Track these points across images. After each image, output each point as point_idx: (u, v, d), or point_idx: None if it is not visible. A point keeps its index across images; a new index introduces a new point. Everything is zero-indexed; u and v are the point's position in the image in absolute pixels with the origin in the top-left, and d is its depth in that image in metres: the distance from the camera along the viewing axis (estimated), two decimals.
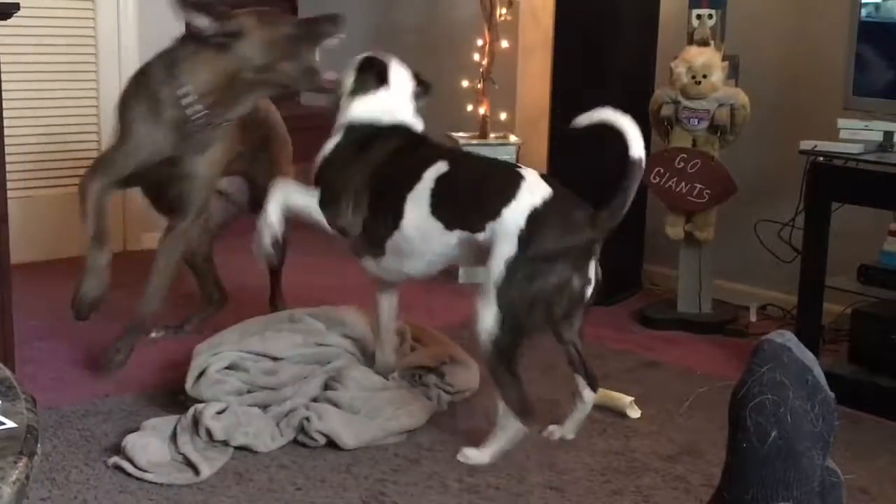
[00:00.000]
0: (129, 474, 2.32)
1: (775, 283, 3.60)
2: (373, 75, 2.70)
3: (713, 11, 3.40)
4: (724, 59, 3.38)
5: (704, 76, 3.33)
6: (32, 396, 1.50)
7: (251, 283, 3.50)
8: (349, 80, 2.72)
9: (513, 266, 2.31)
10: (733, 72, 3.42)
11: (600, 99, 3.63)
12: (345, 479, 2.36)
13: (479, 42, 4.04)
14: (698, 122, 3.39)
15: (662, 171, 3.43)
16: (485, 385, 2.84)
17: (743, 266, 3.71)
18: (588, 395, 2.57)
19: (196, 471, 2.32)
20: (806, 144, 3.01)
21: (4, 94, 2.55)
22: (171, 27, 4.30)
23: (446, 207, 2.45)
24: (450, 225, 2.44)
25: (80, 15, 4.06)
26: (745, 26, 3.56)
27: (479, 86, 4.06)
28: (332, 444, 2.48)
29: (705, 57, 3.34)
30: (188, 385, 2.60)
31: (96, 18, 4.09)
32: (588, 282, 2.37)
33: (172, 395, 2.71)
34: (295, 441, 2.50)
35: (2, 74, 2.53)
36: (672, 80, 3.40)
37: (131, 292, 3.58)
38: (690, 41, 3.42)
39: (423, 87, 2.78)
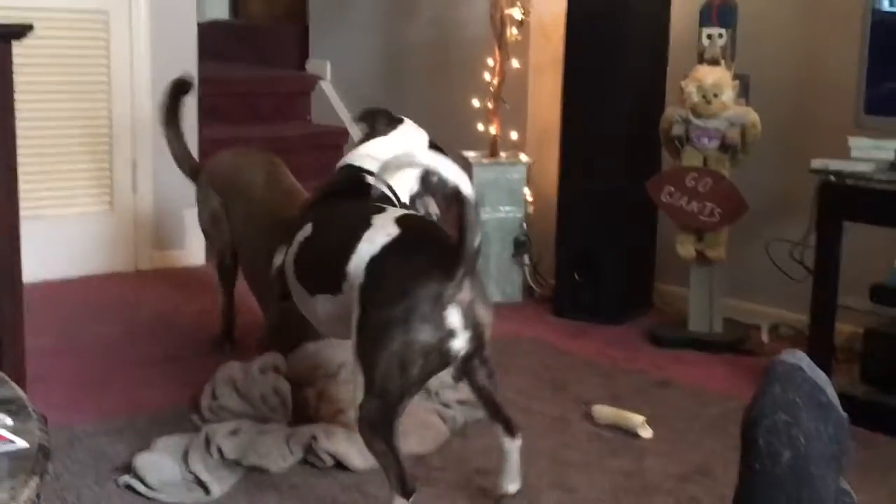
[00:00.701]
0: (140, 494, 2.31)
1: (787, 302, 3.58)
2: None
3: (723, 30, 3.40)
4: (734, 77, 3.38)
5: (715, 95, 3.33)
6: (44, 415, 1.50)
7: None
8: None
9: (361, 326, 2.05)
10: (744, 91, 3.42)
11: (611, 117, 3.67)
12: (355, 499, 2.35)
13: (490, 61, 4.05)
14: (709, 141, 3.39)
15: (673, 190, 3.43)
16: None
17: (754, 285, 3.69)
18: (509, 444, 2.29)
19: (206, 490, 2.32)
20: (817, 163, 3.00)
21: (17, 114, 2.57)
22: (183, 49, 4.35)
23: (304, 273, 2.36)
24: (310, 290, 2.35)
25: (92, 35, 4.09)
26: (756, 45, 3.56)
27: (489, 105, 4.07)
28: (341, 464, 2.48)
29: (716, 76, 3.35)
30: (203, 403, 2.61)
31: (109, 39, 4.12)
32: (449, 334, 2.00)
33: (184, 415, 2.71)
34: (305, 461, 2.49)
35: (15, 94, 2.54)
36: (682, 99, 3.40)
37: (141, 312, 3.59)
38: (701, 60, 3.42)
39: None
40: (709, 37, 3.41)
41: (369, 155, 2.57)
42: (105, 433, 2.63)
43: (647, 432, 2.73)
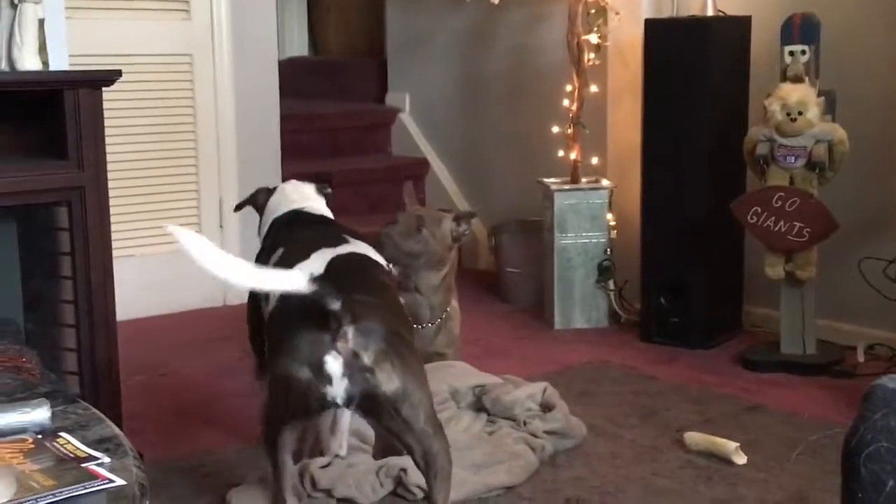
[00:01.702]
0: None
1: (882, 321, 3.49)
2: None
3: (806, 47, 3.34)
4: (819, 94, 3.32)
5: (800, 113, 3.27)
6: (140, 453, 1.53)
7: None
8: None
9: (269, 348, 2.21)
10: (830, 107, 3.35)
11: (693, 139, 3.63)
12: None
13: (568, 87, 4.05)
14: (795, 160, 3.33)
15: (760, 210, 3.37)
16: (590, 434, 2.82)
17: (847, 305, 3.60)
18: None
19: None
20: None
21: (108, 157, 2.64)
22: (264, 87, 4.43)
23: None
24: None
25: (178, 78, 4.19)
26: (842, 60, 3.49)
27: (569, 131, 4.06)
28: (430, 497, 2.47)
29: (800, 93, 3.29)
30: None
31: (193, 81, 4.22)
32: (326, 379, 1.92)
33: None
34: (395, 493, 2.49)
35: (106, 138, 2.62)
36: (766, 117, 3.35)
37: (232, 346, 3.65)
38: (784, 78, 3.37)
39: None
40: (791, 54, 3.36)
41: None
42: (199, 468, 2.67)
43: (741, 459, 2.67)
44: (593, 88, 4.02)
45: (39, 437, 1.57)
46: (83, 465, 1.46)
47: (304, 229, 2.52)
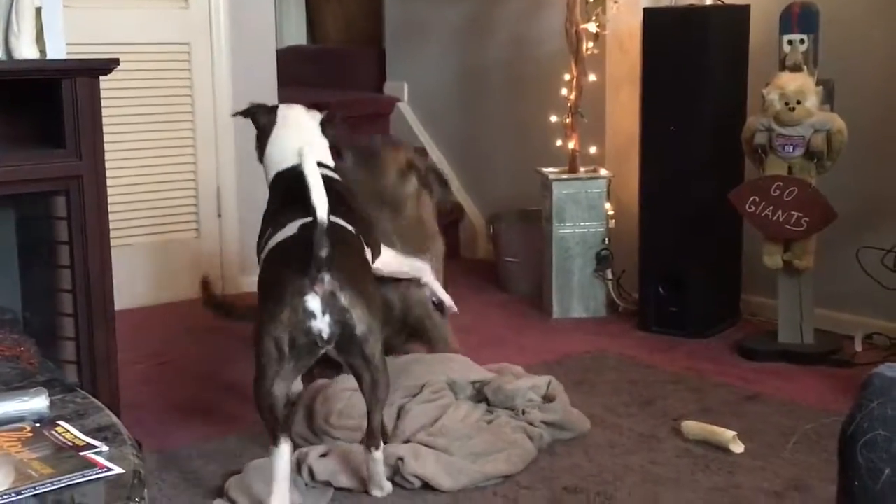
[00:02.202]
0: None
1: (880, 310, 3.49)
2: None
3: (805, 36, 3.34)
4: (818, 83, 3.32)
5: (798, 102, 3.27)
6: (138, 441, 1.53)
7: None
8: None
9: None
10: (828, 97, 3.35)
11: (691, 128, 3.62)
12: None
13: (567, 76, 4.04)
14: (793, 149, 3.33)
15: (758, 199, 3.37)
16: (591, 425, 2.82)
17: (845, 294, 3.61)
18: (369, 455, 2.41)
19: None
20: None
21: (106, 146, 2.64)
22: (262, 76, 4.42)
23: None
24: None
25: (175, 67, 4.18)
26: (840, 49, 3.49)
27: (567, 120, 4.06)
28: (429, 485, 2.48)
29: (798, 82, 3.28)
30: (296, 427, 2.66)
31: (191, 70, 4.21)
32: (309, 315, 2.23)
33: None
34: (392, 481, 2.50)
35: (103, 127, 2.61)
36: (765, 107, 3.35)
37: (230, 335, 3.65)
38: (782, 67, 3.36)
39: None
40: (790, 43, 3.35)
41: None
42: (198, 456, 2.68)
43: (738, 447, 2.68)
44: (592, 78, 4.01)
45: (38, 425, 1.57)
46: (81, 453, 1.46)
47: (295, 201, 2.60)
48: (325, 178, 2.33)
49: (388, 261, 2.83)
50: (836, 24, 3.48)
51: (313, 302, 2.23)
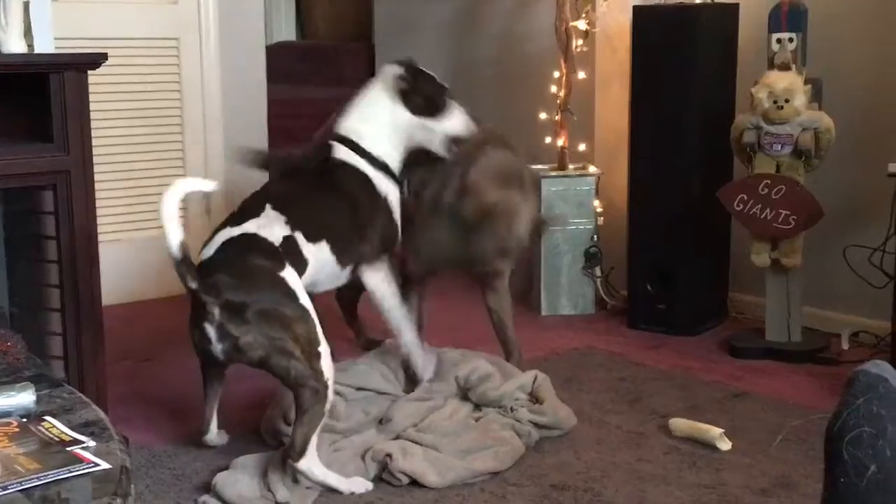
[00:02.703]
0: None
1: (867, 309, 3.50)
2: None
3: (793, 35, 3.35)
4: (806, 82, 3.32)
5: (787, 100, 3.28)
6: (125, 437, 1.53)
7: None
8: None
9: None
10: (817, 95, 3.36)
11: (680, 126, 3.63)
12: None
13: (556, 74, 4.04)
14: (781, 148, 3.33)
15: (746, 197, 3.38)
16: (579, 422, 2.82)
17: (833, 292, 3.62)
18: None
19: None
20: (894, 167, 2.93)
21: (93, 141, 2.63)
22: (252, 72, 4.41)
23: None
24: None
25: (164, 62, 4.17)
26: (828, 48, 3.50)
27: (556, 117, 4.06)
28: (416, 481, 2.48)
29: (787, 81, 3.29)
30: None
31: (180, 65, 4.20)
32: (207, 340, 2.42)
33: (262, 434, 2.74)
34: (380, 479, 2.50)
35: (91, 122, 2.60)
36: (753, 105, 3.35)
37: None
38: (771, 66, 3.37)
39: None
40: (778, 41, 3.36)
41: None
42: (185, 453, 2.67)
43: (725, 445, 2.69)
44: (581, 75, 4.02)
45: (24, 420, 1.56)
46: (68, 448, 1.46)
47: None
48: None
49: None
50: (825, 23, 3.49)
51: (209, 329, 2.40)
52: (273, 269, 2.42)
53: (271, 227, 2.51)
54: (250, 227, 2.52)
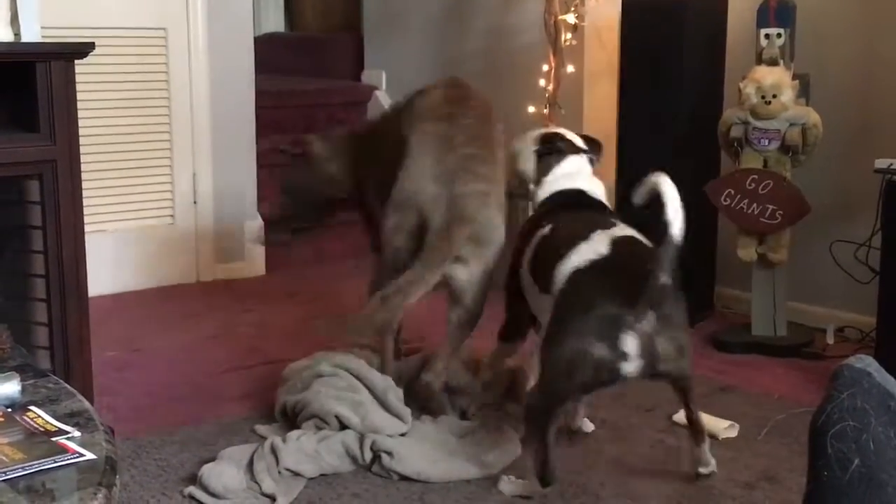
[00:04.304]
0: None
1: (852, 304, 3.52)
2: (554, 156, 2.74)
3: (782, 30, 3.36)
4: (794, 78, 3.33)
5: (774, 96, 3.29)
6: (110, 427, 1.52)
7: None
8: (530, 167, 2.77)
9: (549, 327, 2.28)
10: (804, 91, 3.37)
11: (668, 121, 3.63)
12: None
13: (545, 67, 4.04)
14: (769, 143, 3.34)
15: (733, 192, 3.39)
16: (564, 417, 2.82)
17: (818, 288, 3.64)
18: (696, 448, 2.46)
19: (272, 499, 2.34)
20: (881, 163, 2.94)
21: (80, 131, 2.61)
22: (240, 63, 4.40)
23: (536, 270, 2.48)
24: (541, 288, 2.43)
25: (152, 52, 4.15)
26: (816, 44, 3.51)
27: (545, 111, 4.06)
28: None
29: (775, 76, 3.30)
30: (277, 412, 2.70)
31: (168, 55, 4.18)
32: (620, 356, 2.16)
33: (249, 425, 2.74)
34: (370, 470, 2.50)
35: (78, 112, 2.59)
36: (741, 100, 3.36)
37: (204, 323, 3.64)
38: (759, 61, 3.38)
39: (596, 148, 2.82)
40: (766, 37, 3.37)
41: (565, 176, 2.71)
42: (170, 444, 2.67)
43: (733, 432, 2.72)
44: (570, 69, 4.02)
45: (9, 410, 1.56)
46: (53, 438, 1.45)
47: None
48: None
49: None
50: (813, 19, 3.50)
51: (630, 342, 2.16)
52: None
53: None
54: (627, 230, 2.42)
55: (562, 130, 2.84)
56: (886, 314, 2.95)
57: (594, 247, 2.29)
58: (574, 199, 2.65)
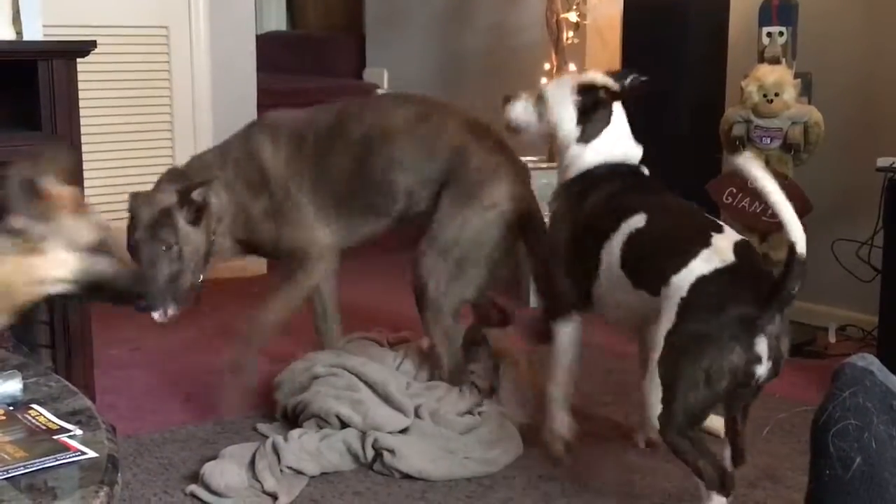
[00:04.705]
0: (207, 502, 2.34)
1: (854, 303, 3.52)
2: (600, 112, 2.54)
3: (784, 29, 3.36)
4: (795, 76, 3.33)
5: (776, 94, 3.28)
6: (112, 426, 1.52)
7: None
8: (570, 121, 2.55)
9: (670, 339, 2.13)
10: (806, 89, 3.37)
11: (670, 119, 3.63)
12: None
13: (547, 66, 4.04)
14: (771, 141, 3.34)
15: (735, 191, 3.38)
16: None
17: (820, 286, 3.62)
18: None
19: (274, 498, 2.34)
20: (883, 161, 2.94)
21: (82, 129, 2.62)
22: (241, 61, 4.40)
23: (633, 265, 2.32)
24: (636, 284, 2.31)
25: (153, 51, 4.15)
26: (818, 43, 3.51)
27: None
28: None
29: (777, 75, 3.30)
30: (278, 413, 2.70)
31: (169, 54, 4.18)
32: (756, 359, 2.09)
33: (250, 424, 2.74)
34: (371, 468, 2.50)
35: (80, 110, 2.59)
36: (743, 99, 3.36)
37: (206, 322, 3.64)
38: (761, 59, 3.38)
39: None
40: (769, 35, 3.37)
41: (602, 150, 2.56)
42: (172, 442, 2.67)
43: None
44: (571, 67, 4.02)
45: (11, 408, 1.56)
46: (55, 437, 1.45)
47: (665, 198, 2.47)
48: None
49: None
50: (815, 17, 3.49)
51: (763, 345, 2.09)
52: None
53: None
54: (733, 232, 2.34)
55: (597, 77, 2.59)
56: (888, 313, 2.94)
57: (719, 253, 2.17)
58: (632, 178, 2.53)
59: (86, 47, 2.57)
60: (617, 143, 2.56)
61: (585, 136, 2.54)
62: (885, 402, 1.28)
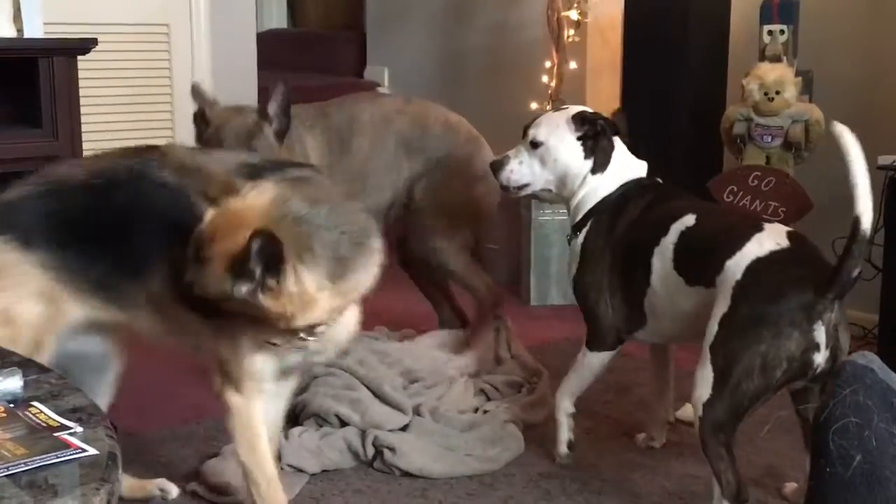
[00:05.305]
0: (207, 500, 2.34)
1: (855, 301, 3.48)
2: (603, 140, 2.54)
3: (785, 27, 3.35)
4: (796, 74, 3.33)
5: (777, 92, 3.28)
6: (113, 423, 1.52)
7: None
8: (578, 157, 2.53)
9: (725, 323, 2.08)
10: (807, 87, 3.37)
11: (670, 117, 3.63)
12: None
13: (548, 64, 4.04)
14: (772, 140, 3.34)
15: (736, 189, 3.38)
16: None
17: None
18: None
19: None
20: (884, 160, 2.94)
21: (83, 127, 2.62)
22: (242, 59, 4.39)
23: (686, 261, 2.30)
24: (689, 281, 2.28)
25: (154, 48, 4.15)
26: (819, 41, 3.50)
27: (547, 108, 4.05)
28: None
29: (777, 73, 3.30)
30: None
31: (170, 51, 4.18)
32: (814, 346, 2.02)
33: None
34: (371, 465, 2.50)
35: (80, 108, 2.59)
36: (744, 97, 3.36)
37: None
38: (762, 57, 3.37)
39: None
40: (770, 33, 3.37)
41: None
42: (173, 440, 2.67)
43: None
44: (573, 65, 4.02)
45: (11, 406, 1.56)
46: (55, 434, 1.45)
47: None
48: None
49: None
50: (816, 15, 3.49)
51: (821, 332, 2.02)
52: None
53: None
54: (784, 226, 2.33)
55: (582, 108, 2.65)
56: (889, 311, 2.94)
57: (773, 237, 2.15)
58: (659, 189, 2.52)
59: (86, 45, 2.57)
60: (627, 162, 2.56)
61: (599, 166, 2.53)
62: (886, 399, 1.28)
